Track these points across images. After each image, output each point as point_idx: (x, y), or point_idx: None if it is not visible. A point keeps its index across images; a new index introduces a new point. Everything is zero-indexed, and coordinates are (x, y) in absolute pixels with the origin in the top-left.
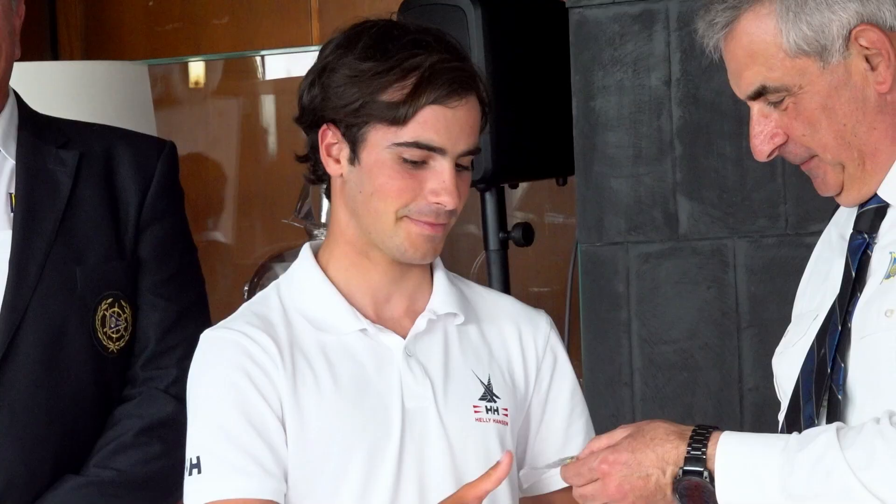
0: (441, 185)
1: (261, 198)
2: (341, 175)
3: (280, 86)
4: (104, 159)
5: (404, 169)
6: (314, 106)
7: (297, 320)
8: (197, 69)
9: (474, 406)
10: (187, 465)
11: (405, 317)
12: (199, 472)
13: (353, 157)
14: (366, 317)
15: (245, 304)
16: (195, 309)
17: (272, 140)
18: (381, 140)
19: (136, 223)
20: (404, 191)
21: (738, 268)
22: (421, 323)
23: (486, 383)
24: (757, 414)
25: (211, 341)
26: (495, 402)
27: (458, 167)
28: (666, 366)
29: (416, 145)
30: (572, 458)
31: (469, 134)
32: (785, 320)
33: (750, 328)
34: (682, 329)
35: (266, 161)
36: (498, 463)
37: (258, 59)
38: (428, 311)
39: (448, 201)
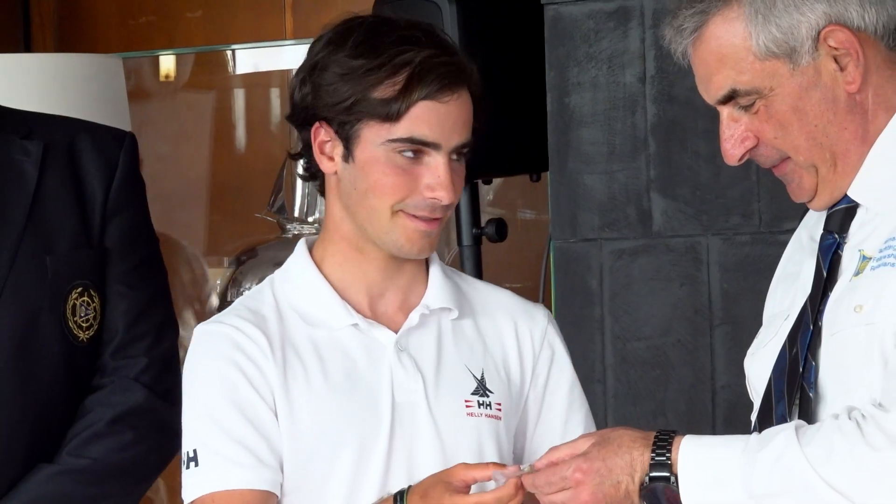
0: (436, 180)
1: (233, 192)
2: (335, 172)
3: (252, 79)
4: (67, 150)
5: (399, 165)
6: (306, 104)
7: (290, 315)
8: (168, 62)
9: (466, 401)
10: (184, 458)
11: (399, 312)
12: (196, 465)
13: (347, 155)
14: (360, 312)
15: (239, 299)
16: (160, 298)
17: (245, 134)
18: (374, 137)
19: (103, 213)
20: (399, 187)
21: (711, 265)
22: (413, 318)
23: (479, 378)
24: (729, 411)
25: (203, 336)
26: (488, 396)
27: (455, 158)
28: (638, 363)
29: (410, 141)
30: (529, 466)
31: (462, 128)
32: (758, 318)
33: (723, 325)
34: (654, 326)
35: (238, 155)
36: (502, 467)
37: (229, 52)
38: (421, 305)
39: (444, 196)
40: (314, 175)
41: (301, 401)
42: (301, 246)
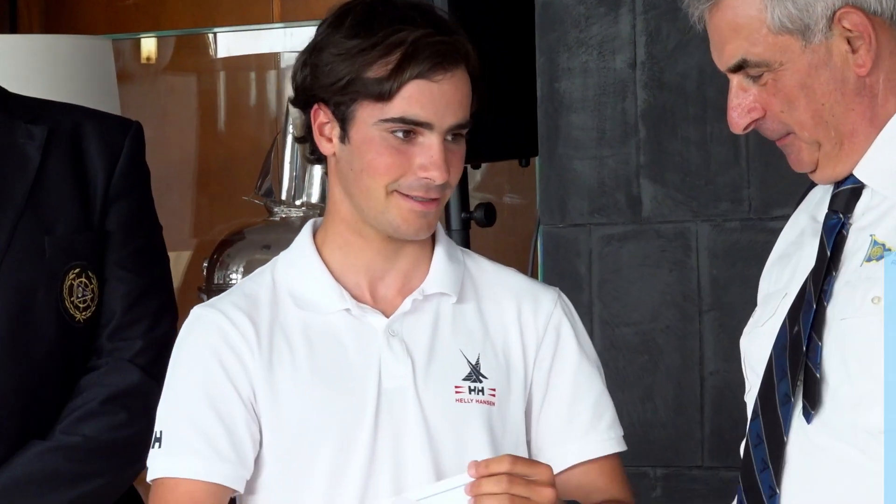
0: (429, 159)
1: (220, 174)
2: (334, 154)
3: (237, 63)
4: (72, 136)
5: (392, 145)
6: (305, 85)
7: (284, 299)
8: (149, 44)
9: (456, 386)
10: (153, 437)
11: (399, 296)
12: (160, 446)
13: (344, 136)
14: (357, 296)
15: (241, 281)
16: (159, 283)
17: (231, 117)
18: (368, 117)
19: (104, 198)
20: (393, 167)
21: (700, 251)
22: (407, 303)
23: (472, 363)
24: (717, 397)
25: (194, 319)
26: (481, 382)
27: (452, 138)
28: (627, 348)
29: (402, 121)
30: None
31: (457, 108)
32: (747, 304)
33: (711, 311)
34: (643, 312)
35: (224, 138)
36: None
37: (211, 35)
38: (417, 290)
39: (437, 176)
40: (319, 158)
41: (286, 389)
42: (306, 228)
